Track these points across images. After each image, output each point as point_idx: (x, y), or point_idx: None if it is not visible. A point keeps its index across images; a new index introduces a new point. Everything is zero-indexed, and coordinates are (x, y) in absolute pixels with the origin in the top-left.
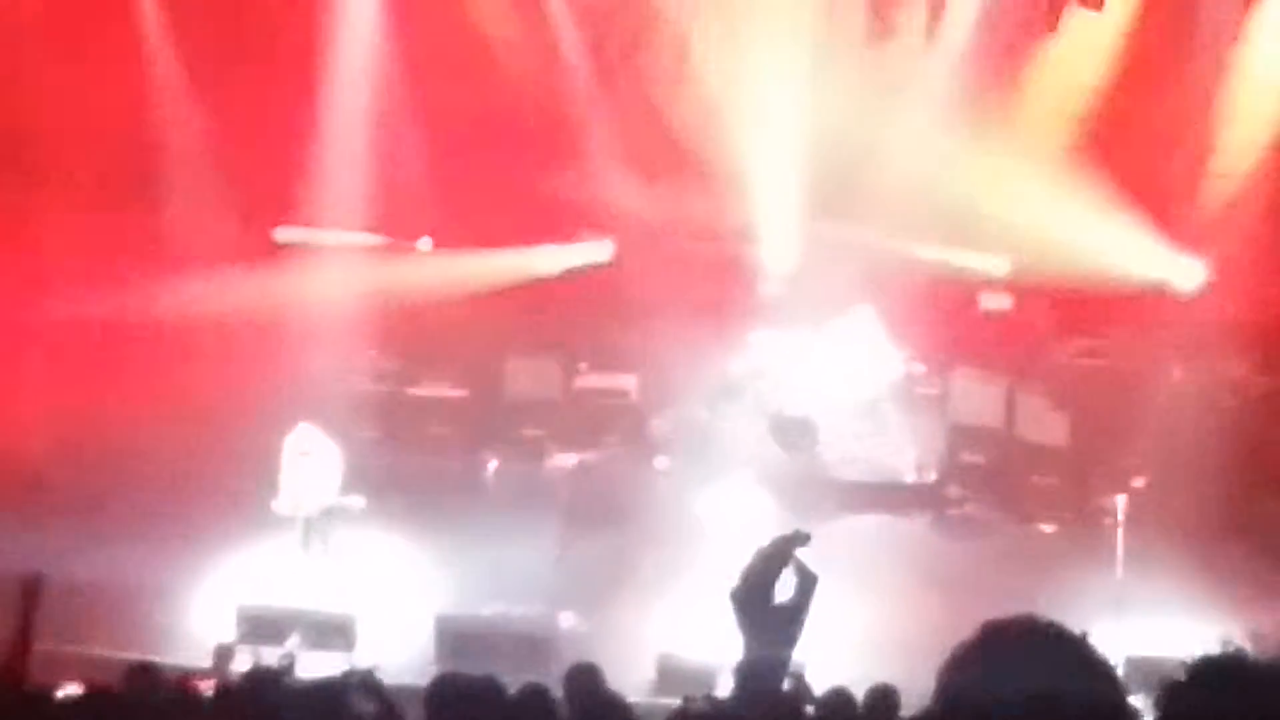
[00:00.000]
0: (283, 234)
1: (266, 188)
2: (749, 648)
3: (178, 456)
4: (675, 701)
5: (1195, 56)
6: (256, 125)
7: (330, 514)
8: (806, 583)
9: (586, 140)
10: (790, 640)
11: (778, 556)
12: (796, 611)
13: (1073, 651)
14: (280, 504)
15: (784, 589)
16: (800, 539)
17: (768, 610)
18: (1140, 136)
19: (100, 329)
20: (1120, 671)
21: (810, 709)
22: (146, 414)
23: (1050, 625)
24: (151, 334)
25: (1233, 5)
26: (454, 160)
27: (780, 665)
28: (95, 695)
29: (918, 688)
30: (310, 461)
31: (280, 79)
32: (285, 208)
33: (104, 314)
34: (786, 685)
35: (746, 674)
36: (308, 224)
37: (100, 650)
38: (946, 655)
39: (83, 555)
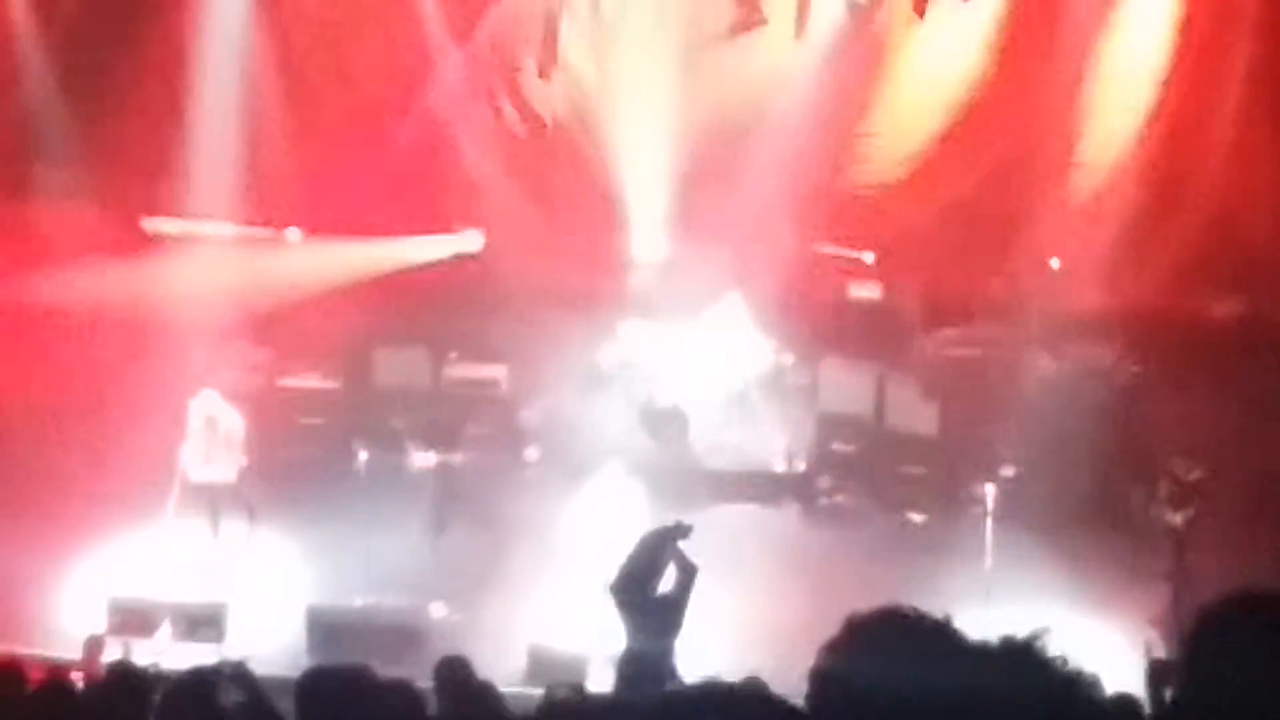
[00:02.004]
0: (151, 224)
1: (134, 178)
2: (630, 639)
3: (48, 448)
4: None
5: (1061, 46)
6: (124, 113)
7: (239, 488)
8: (687, 574)
9: (456, 131)
10: (672, 631)
11: (659, 548)
12: (677, 602)
13: (937, 637)
14: (186, 480)
15: (664, 580)
16: (681, 530)
17: (649, 601)
18: (1007, 125)
19: None
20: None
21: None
22: (15, 405)
23: (913, 613)
24: (19, 326)
25: None
26: (323, 150)
27: (664, 656)
28: None
29: (787, 677)
30: (218, 428)
31: (150, 65)
32: (153, 198)
33: None
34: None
35: (630, 665)
36: (176, 214)
37: None
38: (816, 646)
39: None
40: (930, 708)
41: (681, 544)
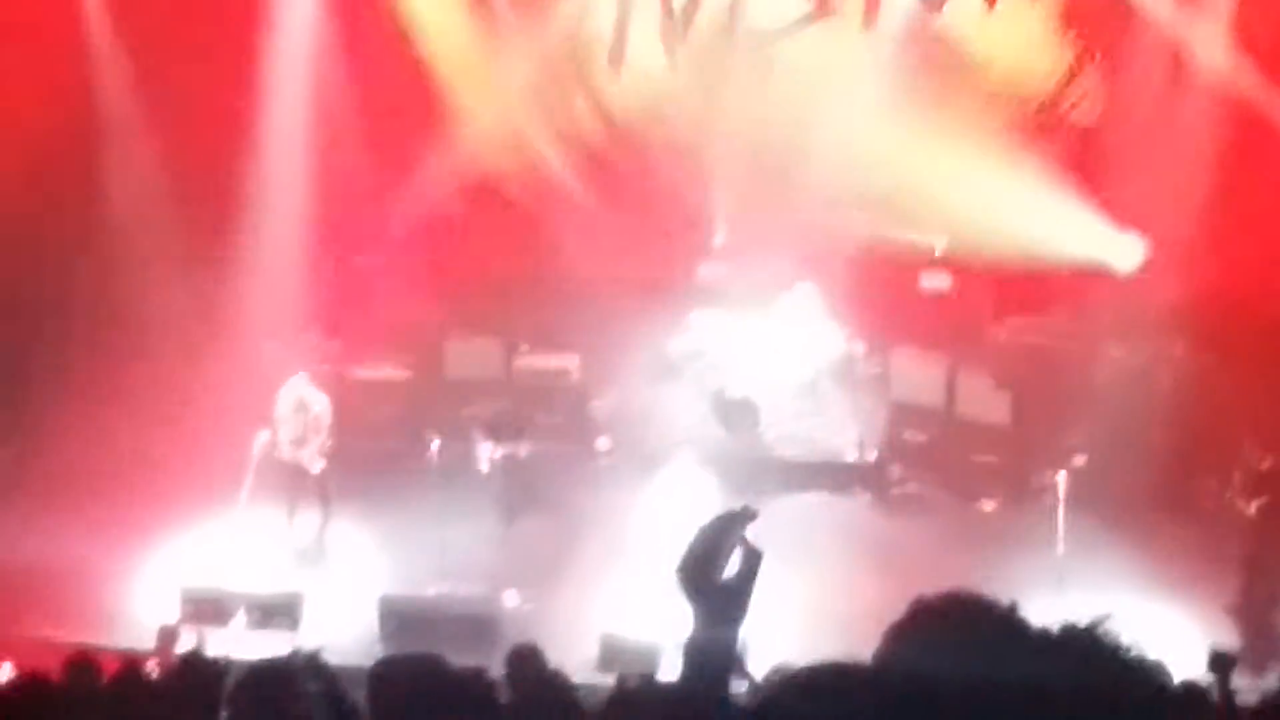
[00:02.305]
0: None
1: (206, 170)
2: (696, 625)
3: (123, 439)
4: None
5: (1134, 33)
6: (198, 109)
7: (325, 469)
8: (752, 559)
9: (529, 126)
10: (737, 617)
11: (724, 533)
12: (742, 588)
13: (1003, 623)
14: (284, 450)
15: (730, 566)
16: (747, 515)
17: (714, 587)
18: (1078, 115)
19: (39, 312)
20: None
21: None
22: (93, 399)
23: (980, 598)
24: (92, 319)
25: None
26: (395, 150)
27: (728, 643)
28: (30, 683)
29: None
30: (309, 411)
31: (222, 73)
32: (228, 199)
33: (43, 298)
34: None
35: (694, 652)
36: (252, 207)
37: (44, 632)
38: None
39: (26, 537)
40: (995, 693)
41: (749, 531)
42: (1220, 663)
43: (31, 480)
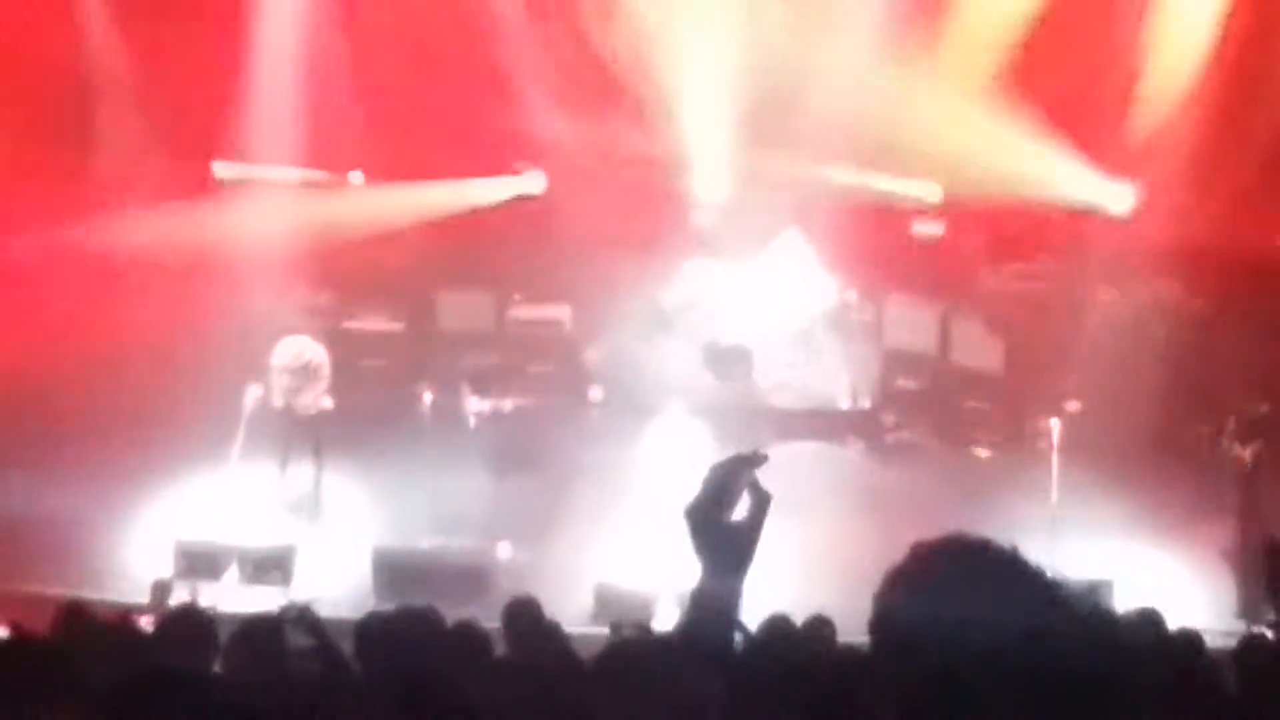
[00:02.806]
0: (219, 169)
1: (198, 123)
2: (703, 567)
3: (112, 393)
4: None
5: None
6: (187, 58)
7: (320, 425)
8: (761, 501)
9: (517, 71)
10: (745, 559)
11: (734, 475)
12: (751, 530)
13: (1004, 566)
14: (278, 399)
15: (739, 508)
16: (757, 459)
17: (722, 529)
18: (1069, 61)
19: (30, 266)
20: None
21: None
22: (80, 351)
23: (980, 542)
24: (83, 272)
25: None
26: (385, 93)
27: (734, 588)
28: (23, 640)
29: (854, 613)
30: (307, 362)
31: (211, 10)
32: (217, 143)
33: (36, 251)
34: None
35: (700, 597)
36: (240, 159)
37: (35, 588)
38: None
39: (17, 493)
40: (995, 636)
41: (768, 454)
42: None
43: (22, 435)
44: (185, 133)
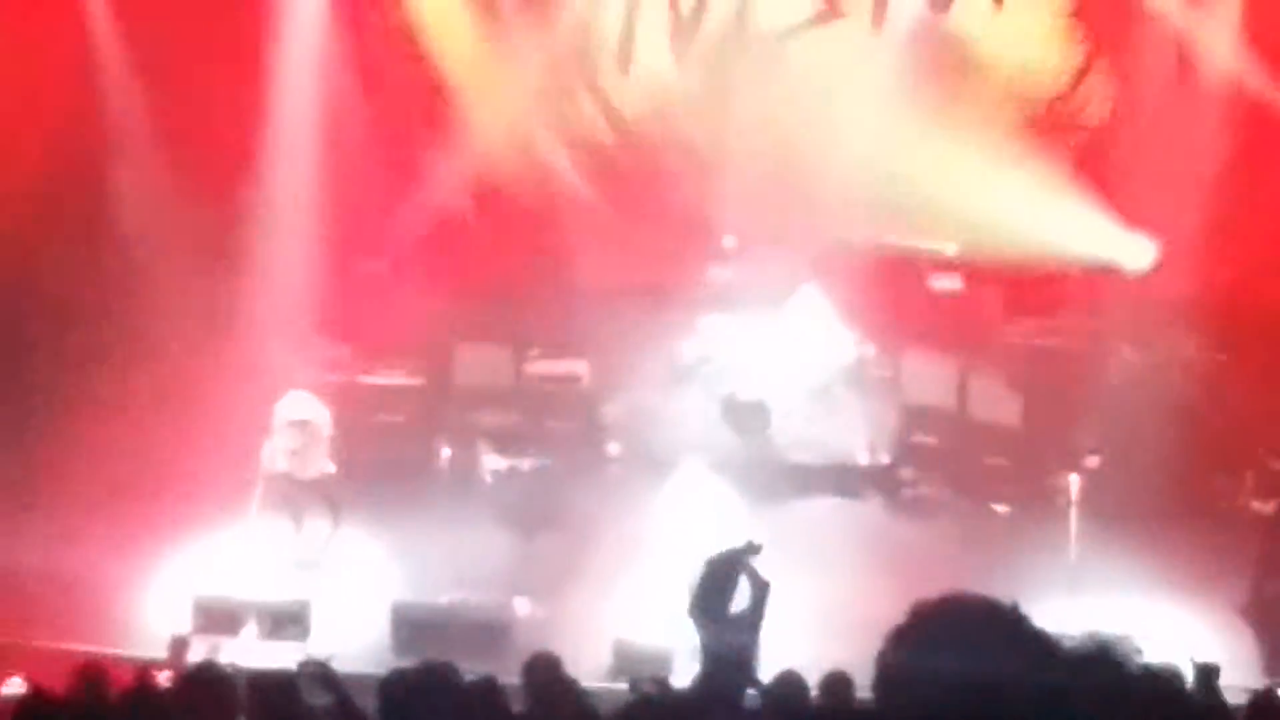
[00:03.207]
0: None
1: (215, 176)
2: (709, 656)
3: (132, 447)
4: None
5: (1143, 31)
6: (205, 116)
7: (327, 484)
8: (760, 591)
9: (537, 128)
10: (751, 645)
11: (731, 566)
12: (754, 618)
13: (1005, 625)
14: (270, 476)
15: (740, 598)
16: (752, 548)
17: (725, 620)
18: (1089, 115)
19: (46, 314)
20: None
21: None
22: (97, 404)
23: (981, 600)
24: (100, 323)
25: None
26: (402, 152)
27: (743, 669)
28: (41, 699)
29: (872, 669)
30: (309, 426)
31: (230, 79)
32: (237, 205)
33: (53, 306)
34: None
35: (708, 680)
36: (258, 211)
37: (53, 643)
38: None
39: (36, 547)
40: (997, 694)
41: (763, 543)
42: (1205, 675)
43: (41, 488)
44: (203, 186)
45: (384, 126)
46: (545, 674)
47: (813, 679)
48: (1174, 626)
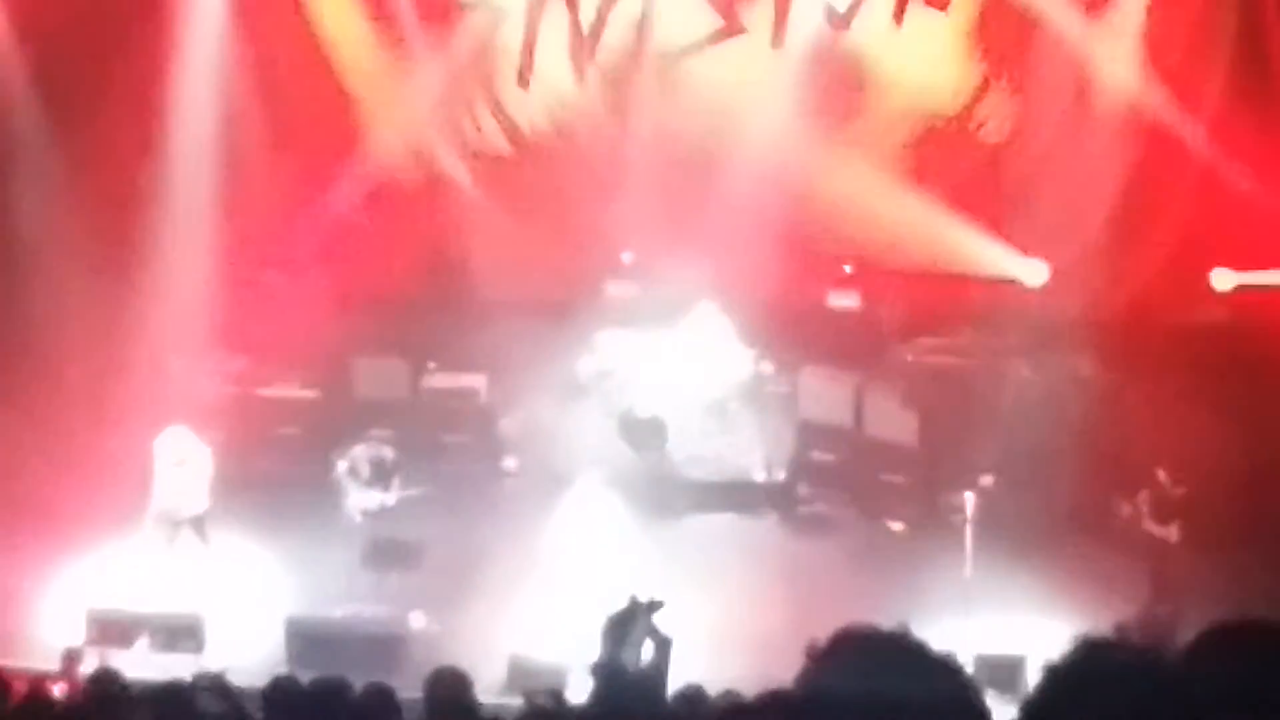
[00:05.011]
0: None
1: (112, 186)
2: (618, 710)
3: (27, 459)
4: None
5: (1038, 50)
6: (103, 125)
7: (202, 519)
8: (663, 646)
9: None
10: (658, 697)
11: (629, 625)
12: (657, 673)
13: (916, 656)
14: (154, 513)
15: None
16: (653, 606)
17: (629, 677)
18: (988, 132)
19: None
20: (969, 669)
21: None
22: None
23: (894, 633)
24: (5, 334)
25: (1075, 7)
26: (300, 164)
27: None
28: None
29: (767, 685)
30: (185, 469)
31: (130, 84)
32: (132, 206)
33: None
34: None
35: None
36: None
37: None
38: (796, 655)
39: None
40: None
41: (664, 600)
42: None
43: None
44: (104, 196)
45: (283, 137)
46: (448, 690)
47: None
48: (1066, 646)
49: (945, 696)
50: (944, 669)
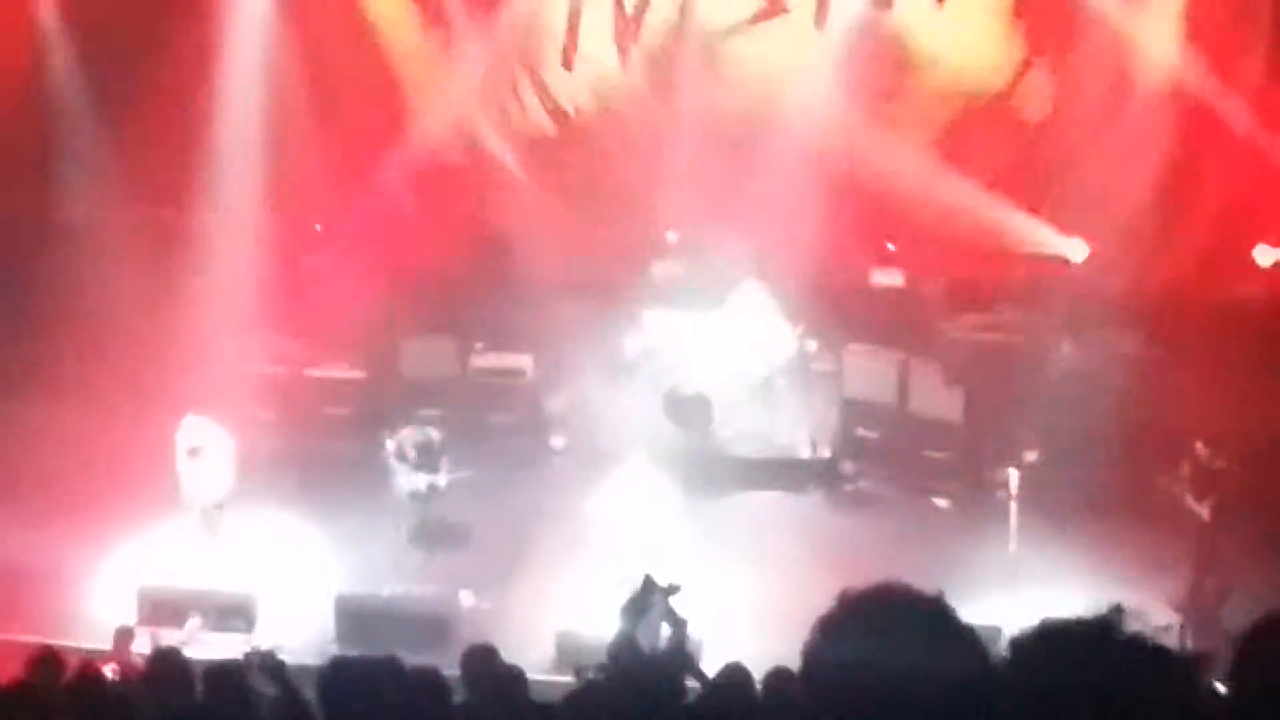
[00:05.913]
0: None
1: (162, 171)
2: (638, 693)
3: (77, 440)
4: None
5: (1081, 28)
6: (152, 110)
7: (224, 504)
8: (679, 629)
9: (480, 123)
10: (679, 680)
11: (645, 609)
12: (675, 655)
13: (928, 615)
14: (180, 499)
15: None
16: (669, 589)
17: (647, 661)
18: (1030, 112)
19: None
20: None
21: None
22: (46, 398)
23: (907, 591)
24: (47, 318)
25: None
26: (347, 145)
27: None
28: None
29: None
30: (203, 457)
31: (177, 69)
32: (182, 191)
33: None
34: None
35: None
36: (203, 205)
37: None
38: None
39: None
40: (920, 685)
41: (681, 584)
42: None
43: None
44: (146, 178)
45: (330, 119)
46: (483, 665)
47: (755, 671)
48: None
49: (954, 661)
50: (954, 629)
